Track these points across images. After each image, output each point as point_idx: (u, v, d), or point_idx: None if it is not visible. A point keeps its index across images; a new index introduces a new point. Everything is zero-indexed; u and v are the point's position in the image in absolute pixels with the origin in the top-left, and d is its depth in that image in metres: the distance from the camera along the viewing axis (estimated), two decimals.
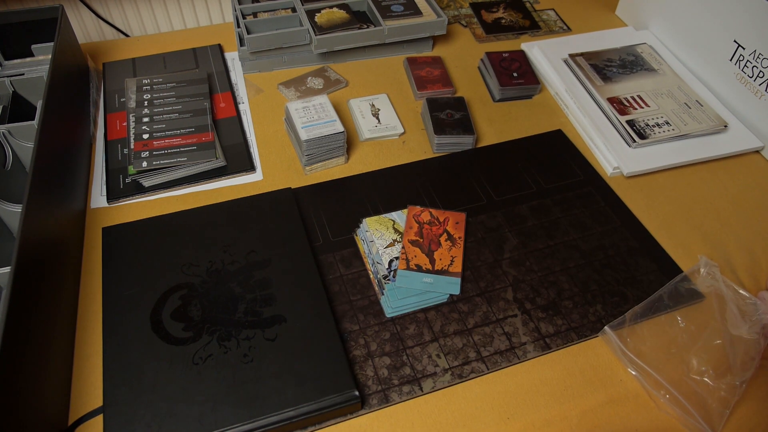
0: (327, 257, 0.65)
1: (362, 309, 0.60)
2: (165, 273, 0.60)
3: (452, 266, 0.63)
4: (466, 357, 0.57)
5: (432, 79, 0.88)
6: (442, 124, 0.78)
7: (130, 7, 1.01)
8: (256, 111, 0.83)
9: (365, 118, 0.82)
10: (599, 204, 0.72)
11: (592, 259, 0.66)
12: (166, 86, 0.82)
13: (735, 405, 0.54)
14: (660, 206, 0.72)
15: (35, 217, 0.54)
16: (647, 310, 0.61)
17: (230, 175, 0.74)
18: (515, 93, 0.86)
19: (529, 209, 0.71)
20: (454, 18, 1.04)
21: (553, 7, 1.07)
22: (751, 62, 0.78)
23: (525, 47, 0.94)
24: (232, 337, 0.55)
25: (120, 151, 0.76)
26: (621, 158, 0.75)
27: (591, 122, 0.80)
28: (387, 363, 0.56)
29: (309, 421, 0.51)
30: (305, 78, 0.88)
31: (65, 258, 0.60)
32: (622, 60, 0.89)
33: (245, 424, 0.49)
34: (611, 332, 0.58)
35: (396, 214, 0.69)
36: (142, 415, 0.50)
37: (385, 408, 0.54)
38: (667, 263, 0.66)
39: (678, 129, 0.78)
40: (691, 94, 0.83)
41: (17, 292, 0.47)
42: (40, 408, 0.48)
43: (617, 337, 0.58)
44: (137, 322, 0.56)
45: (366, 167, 0.76)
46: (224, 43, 0.95)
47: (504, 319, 0.60)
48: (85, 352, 0.57)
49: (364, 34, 0.88)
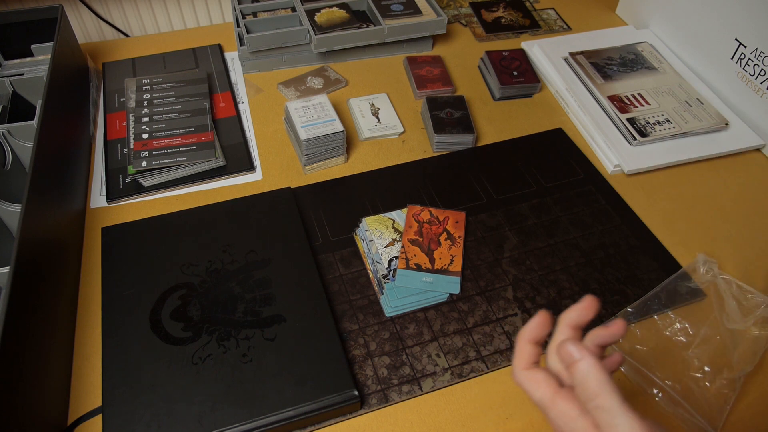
0: (326, 257, 0.65)
1: (362, 308, 0.60)
2: (164, 273, 0.60)
3: (452, 265, 0.63)
4: (466, 356, 0.57)
5: (432, 78, 0.87)
6: (442, 123, 0.77)
7: (130, 7, 1.01)
8: (255, 111, 0.83)
9: (365, 117, 0.82)
10: (600, 202, 0.72)
11: (593, 257, 0.66)
12: (166, 86, 0.82)
13: (736, 401, 0.54)
14: (661, 204, 0.72)
15: (34, 217, 0.54)
16: (642, 309, 0.60)
17: (230, 175, 0.74)
18: (515, 92, 0.86)
19: (530, 208, 0.71)
20: (454, 17, 1.04)
21: (553, 6, 1.07)
22: (753, 60, 0.78)
23: (525, 46, 0.94)
24: (231, 336, 0.55)
25: (120, 151, 0.76)
26: (622, 156, 0.75)
27: (591, 120, 0.80)
28: (386, 362, 0.56)
29: (308, 420, 0.51)
30: (305, 77, 0.88)
31: (64, 258, 0.60)
32: (622, 58, 0.89)
33: (244, 423, 0.49)
34: None
35: (396, 214, 0.69)
36: (142, 415, 0.50)
37: (384, 408, 0.54)
38: (668, 261, 0.65)
39: (679, 127, 0.78)
40: (692, 92, 0.83)
41: (16, 292, 0.47)
42: (40, 408, 0.48)
43: None
44: (136, 322, 0.56)
45: (366, 166, 0.76)
46: (224, 42, 0.95)
47: (504, 318, 0.60)
48: (84, 352, 0.57)
49: (363, 34, 0.87)
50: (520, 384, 0.38)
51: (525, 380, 0.37)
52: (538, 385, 0.36)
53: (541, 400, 0.36)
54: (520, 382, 0.38)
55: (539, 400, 0.36)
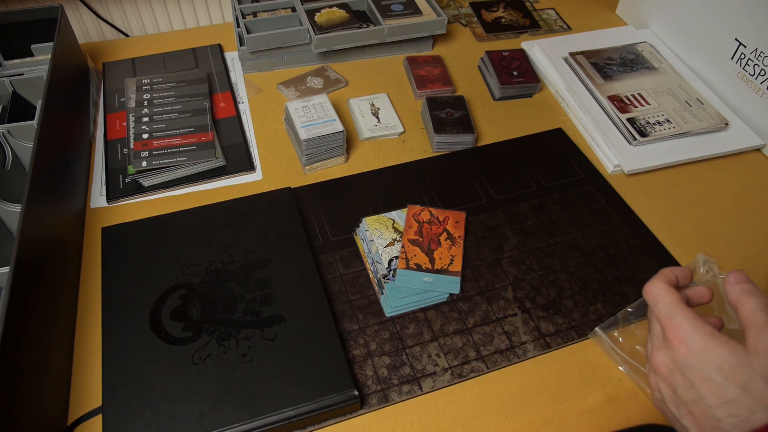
0: (326, 257, 0.65)
1: (362, 308, 0.60)
2: (164, 273, 0.60)
3: (452, 265, 0.63)
4: (466, 356, 0.57)
5: (432, 78, 0.87)
6: (442, 123, 0.78)
7: (130, 7, 1.01)
8: (255, 111, 0.83)
9: (365, 117, 0.82)
10: (600, 202, 0.72)
11: (593, 257, 0.66)
12: (166, 86, 0.82)
13: None
14: (661, 204, 0.72)
15: (34, 217, 0.54)
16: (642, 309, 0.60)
17: (230, 175, 0.74)
18: (515, 92, 0.86)
19: (530, 208, 0.71)
20: (454, 17, 1.04)
21: (553, 6, 1.07)
22: (753, 60, 0.78)
23: (525, 46, 0.94)
24: (231, 336, 0.55)
25: (120, 151, 0.76)
26: (622, 156, 0.75)
27: (591, 120, 0.80)
28: (386, 362, 0.56)
29: (308, 420, 0.51)
30: (305, 77, 0.88)
31: (65, 258, 0.60)
32: (622, 58, 0.89)
33: (244, 423, 0.49)
34: (602, 333, 0.58)
35: (396, 214, 0.69)
36: (142, 415, 0.50)
37: (384, 408, 0.54)
38: (668, 261, 0.65)
39: (679, 127, 0.78)
40: (692, 92, 0.83)
41: (16, 292, 0.47)
42: (40, 407, 0.48)
43: (608, 338, 0.57)
44: (136, 321, 0.56)
45: (366, 166, 0.76)
46: (224, 42, 0.95)
47: (504, 318, 0.60)
48: (84, 352, 0.57)
49: (363, 34, 0.87)
50: (656, 292, 0.44)
51: (663, 288, 0.44)
52: (671, 294, 0.43)
53: (670, 305, 0.42)
54: (658, 290, 0.44)
55: (668, 306, 0.43)
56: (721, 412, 0.37)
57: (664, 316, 0.42)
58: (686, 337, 0.40)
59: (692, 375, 0.39)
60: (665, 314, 0.42)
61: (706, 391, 0.38)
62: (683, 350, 0.40)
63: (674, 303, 0.42)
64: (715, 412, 0.37)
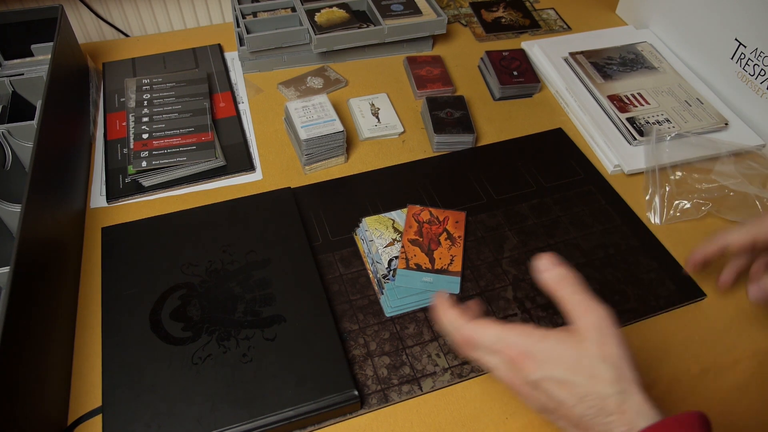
0: (326, 257, 0.65)
1: (362, 308, 0.60)
2: (164, 273, 0.60)
3: (452, 265, 0.63)
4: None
5: (432, 78, 0.87)
6: (441, 123, 0.77)
7: (130, 7, 1.01)
8: (255, 111, 0.83)
9: (365, 117, 0.82)
10: (600, 202, 0.72)
11: (593, 257, 0.66)
12: (166, 86, 0.82)
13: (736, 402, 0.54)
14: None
15: (34, 217, 0.54)
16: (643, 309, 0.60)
17: (230, 175, 0.74)
18: (515, 91, 0.86)
19: (529, 208, 0.71)
20: (454, 17, 1.04)
21: (553, 6, 1.07)
22: (752, 60, 0.78)
23: (525, 46, 0.94)
24: (231, 336, 0.55)
25: (119, 151, 0.76)
26: (622, 156, 0.75)
27: (591, 120, 0.80)
28: (386, 362, 0.56)
29: (308, 420, 0.51)
30: (305, 77, 0.88)
31: (64, 258, 0.60)
32: (622, 58, 0.89)
33: (244, 423, 0.49)
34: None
35: (395, 214, 0.69)
36: (141, 415, 0.50)
37: (384, 408, 0.54)
38: (668, 261, 0.65)
39: (678, 127, 0.78)
40: (692, 92, 0.83)
41: (16, 292, 0.47)
42: (40, 408, 0.48)
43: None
44: (136, 322, 0.56)
45: (366, 167, 0.76)
46: (224, 42, 0.95)
47: (504, 318, 0.60)
48: (84, 352, 0.57)
49: (363, 34, 0.87)
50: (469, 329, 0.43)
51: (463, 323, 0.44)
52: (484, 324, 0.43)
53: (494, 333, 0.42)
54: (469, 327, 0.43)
55: (492, 334, 0.42)
56: (581, 409, 0.37)
57: (493, 344, 0.41)
58: (525, 350, 0.39)
59: (547, 385, 0.38)
60: (493, 341, 0.41)
61: (565, 394, 0.38)
62: (530, 365, 0.39)
63: (492, 327, 0.41)
64: (577, 411, 0.37)
